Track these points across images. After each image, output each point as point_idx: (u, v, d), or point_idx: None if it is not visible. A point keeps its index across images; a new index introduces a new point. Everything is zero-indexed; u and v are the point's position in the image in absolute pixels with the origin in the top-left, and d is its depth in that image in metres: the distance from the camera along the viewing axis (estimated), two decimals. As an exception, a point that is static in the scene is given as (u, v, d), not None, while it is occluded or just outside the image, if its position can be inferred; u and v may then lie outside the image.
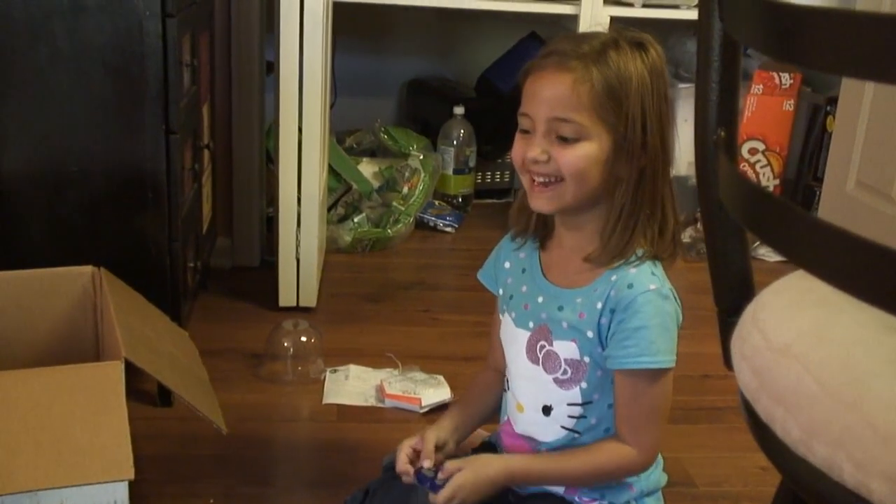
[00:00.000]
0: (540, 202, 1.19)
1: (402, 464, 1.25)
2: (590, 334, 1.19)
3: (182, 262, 1.84)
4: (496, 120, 3.10)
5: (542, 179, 1.17)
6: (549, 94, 1.15)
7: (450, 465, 1.22)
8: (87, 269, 1.63)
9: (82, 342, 1.65)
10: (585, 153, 1.14)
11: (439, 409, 1.84)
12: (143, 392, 1.81)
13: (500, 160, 3.25)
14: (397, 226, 2.79)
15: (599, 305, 1.18)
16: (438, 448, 1.27)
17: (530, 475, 1.25)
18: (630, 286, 1.16)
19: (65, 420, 1.27)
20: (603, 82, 1.12)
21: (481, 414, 1.38)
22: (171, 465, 1.64)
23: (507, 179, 3.29)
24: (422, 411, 1.86)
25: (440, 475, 1.22)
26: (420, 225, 2.94)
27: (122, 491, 1.26)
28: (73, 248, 1.74)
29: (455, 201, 3.10)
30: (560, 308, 1.22)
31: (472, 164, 3.11)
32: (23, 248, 1.74)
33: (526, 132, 1.18)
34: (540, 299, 1.25)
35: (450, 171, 3.07)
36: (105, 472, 1.24)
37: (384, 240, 2.76)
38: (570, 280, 1.23)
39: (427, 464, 1.24)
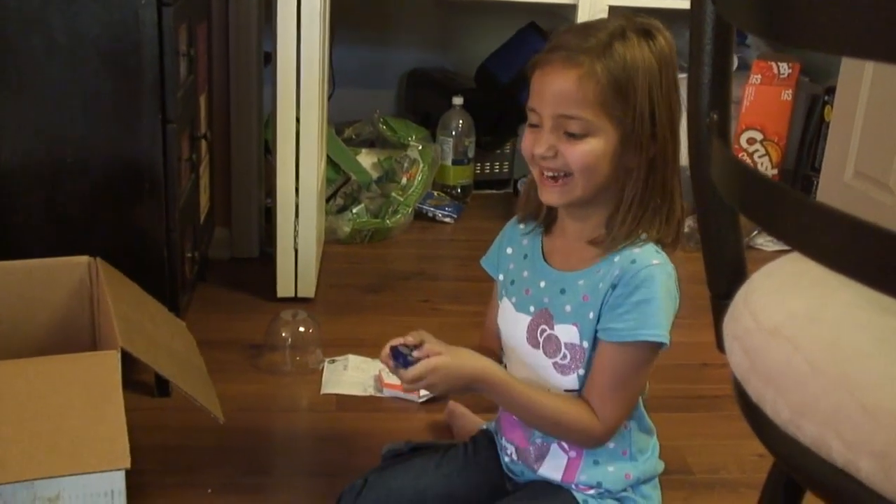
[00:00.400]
0: (550, 195, 1.20)
1: (385, 354, 1.21)
2: (591, 315, 1.20)
3: (180, 253, 1.84)
4: (495, 110, 3.10)
5: (551, 174, 1.19)
6: (555, 91, 1.15)
7: (429, 346, 1.19)
8: (84, 260, 1.63)
9: (79, 332, 1.65)
10: (592, 148, 1.15)
11: (438, 400, 1.84)
12: (141, 383, 1.81)
13: (499, 151, 3.25)
14: (396, 216, 2.78)
15: (602, 286, 1.18)
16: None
17: (500, 388, 1.22)
18: (633, 262, 1.17)
19: (61, 409, 1.28)
20: (609, 77, 1.13)
21: None
22: (169, 455, 1.65)
23: (505, 170, 3.29)
24: (420, 401, 1.86)
25: (416, 353, 1.18)
26: (419, 216, 2.94)
27: (118, 480, 1.26)
28: (69, 238, 1.74)
29: (454, 192, 3.10)
30: (562, 291, 1.23)
31: (471, 154, 3.11)
32: (20, 239, 1.73)
33: (535, 126, 1.19)
34: (542, 284, 1.26)
35: (449, 162, 3.07)
36: (102, 461, 1.24)
37: (383, 230, 2.76)
38: (573, 264, 1.24)
39: (411, 340, 1.20)
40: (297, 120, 2.17)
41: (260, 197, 2.59)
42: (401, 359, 1.19)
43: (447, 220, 2.96)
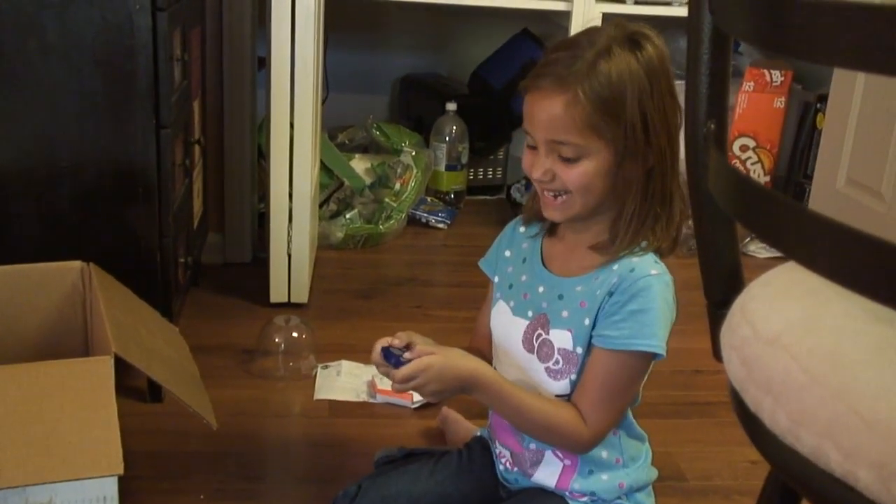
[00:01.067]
0: (551, 212, 1.22)
1: (376, 354, 1.21)
2: (586, 322, 1.20)
3: (173, 258, 1.83)
4: (488, 116, 3.10)
5: (550, 193, 1.20)
6: (544, 118, 1.16)
7: (421, 347, 1.19)
8: (77, 265, 1.62)
9: (72, 337, 1.64)
10: (587, 170, 1.16)
11: (431, 406, 1.84)
12: (134, 388, 1.81)
13: (492, 156, 3.25)
14: (389, 222, 2.78)
15: (599, 293, 1.19)
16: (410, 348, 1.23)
17: (491, 390, 1.21)
18: (632, 270, 1.18)
19: (54, 415, 1.27)
20: (596, 99, 1.13)
21: None
22: (161, 461, 1.64)
23: (499, 176, 3.29)
24: (413, 407, 1.85)
25: (407, 354, 1.18)
26: (412, 221, 2.94)
27: (111, 486, 1.26)
28: (62, 242, 1.73)
29: (447, 198, 3.10)
30: (560, 297, 1.23)
31: (464, 160, 3.11)
32: (12, 243, 1.73)
33: (532, 147, 1.21)
34: (541, 289, 1.26)
35: (442, 168, 3.07)
36: (94, 467, 1.24)
37: (376, 236, 2.75)
38: (572, 270, 1.25)
39: (397, 342, 1.20)
40: (291, 125, 2.17)
41: (253, 202, 2.59)
42: (392, 359, 1.19)
43: (440, 225, 2.96)
